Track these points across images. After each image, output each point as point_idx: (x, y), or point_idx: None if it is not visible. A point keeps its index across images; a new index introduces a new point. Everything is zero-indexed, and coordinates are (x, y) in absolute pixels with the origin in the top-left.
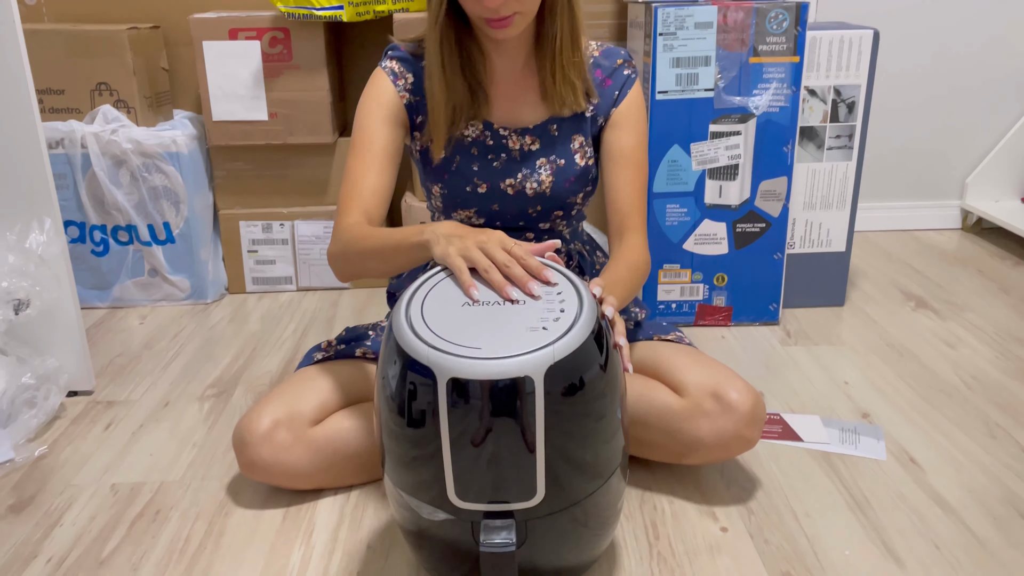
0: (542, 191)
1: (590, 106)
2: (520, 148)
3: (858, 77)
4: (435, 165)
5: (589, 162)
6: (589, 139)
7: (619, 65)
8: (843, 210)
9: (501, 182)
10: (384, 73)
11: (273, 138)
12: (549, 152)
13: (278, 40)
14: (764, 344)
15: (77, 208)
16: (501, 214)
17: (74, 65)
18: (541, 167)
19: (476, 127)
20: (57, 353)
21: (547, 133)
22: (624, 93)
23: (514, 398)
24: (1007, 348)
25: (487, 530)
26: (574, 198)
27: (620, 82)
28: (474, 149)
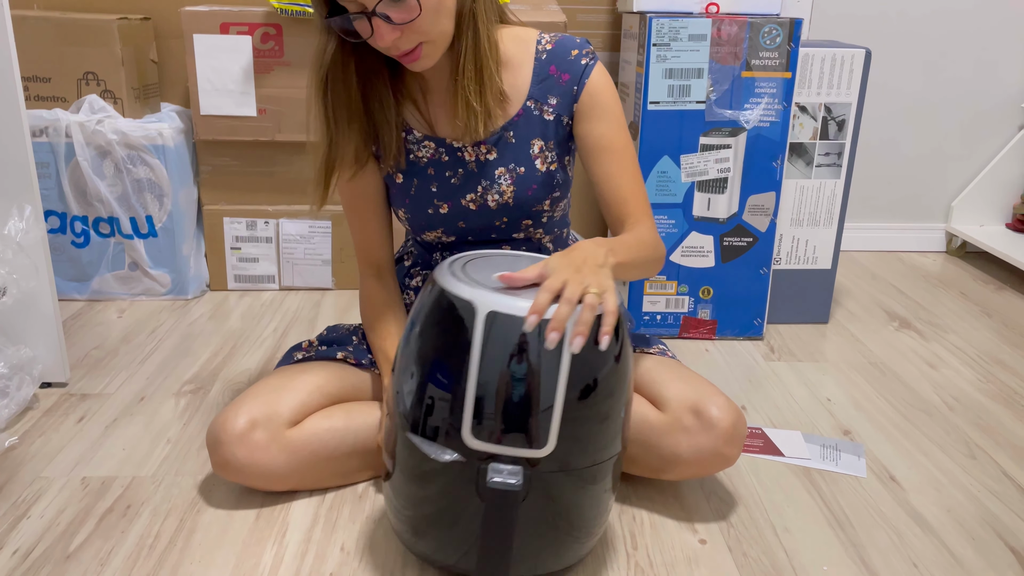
0: (504, 202)
1: (547, 106)
2: (476, 159)
3: (849, 95)
4: (396, 190)
5: (551, 167)
6: (551, 142)
7: (574, 56)
8: (830, 228)
9: (462, 199)
10: None
11: (261, 134)
12: (507, 160)
13: (270, 36)
14: (747, 359)
15: (59, 198)
16: (468, 230)
17: (62, 53)
18: (500, 177)
19: (428, 147)
20: (32, 343)
21: (503, 140)
22: (583, 83)
23: (544, 343)
24: (989, 370)
25: (495, 470)
26: (540, 205)
27: (578, 73)
28: (430, 169)
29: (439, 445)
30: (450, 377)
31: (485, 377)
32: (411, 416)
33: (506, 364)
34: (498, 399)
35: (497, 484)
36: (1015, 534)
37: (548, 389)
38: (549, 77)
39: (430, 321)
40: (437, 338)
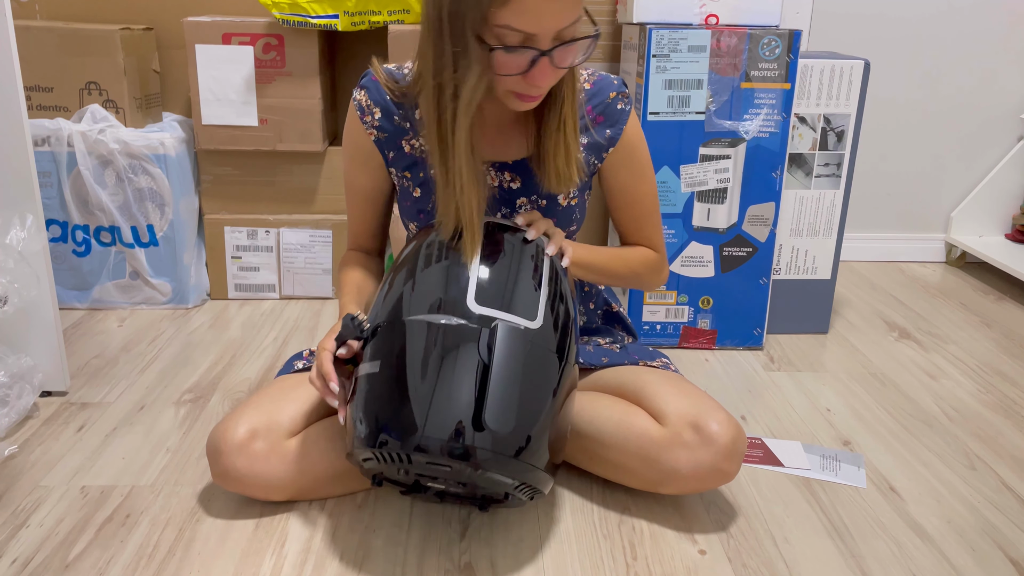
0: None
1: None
2: (500, 185)
3: (848, 106)
4: (411, 203)
5: (572, 202)
6: None
7: (611, 99)
8: (829, 238)
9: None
10: (354, 107)
11: (262, 144)
12: (531, 191)
13: (272, 46)
14: (747, 369)
15: (60, 207)
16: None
17: (64, 63)
18: (521, 207)
19: None
20: (33, 352)
21: (528, 171)
22: (619, 131)
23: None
24: (988, 381)
25: (503, 323)
26: None
27: (614, 119)
28: None
29: (447, 315)
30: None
31: (487, 256)
32: (420, 303)
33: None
34: (499, 273)
35: (506, 330)
36: (1015, 545)
37: (539, 270)
38: (584, 117)
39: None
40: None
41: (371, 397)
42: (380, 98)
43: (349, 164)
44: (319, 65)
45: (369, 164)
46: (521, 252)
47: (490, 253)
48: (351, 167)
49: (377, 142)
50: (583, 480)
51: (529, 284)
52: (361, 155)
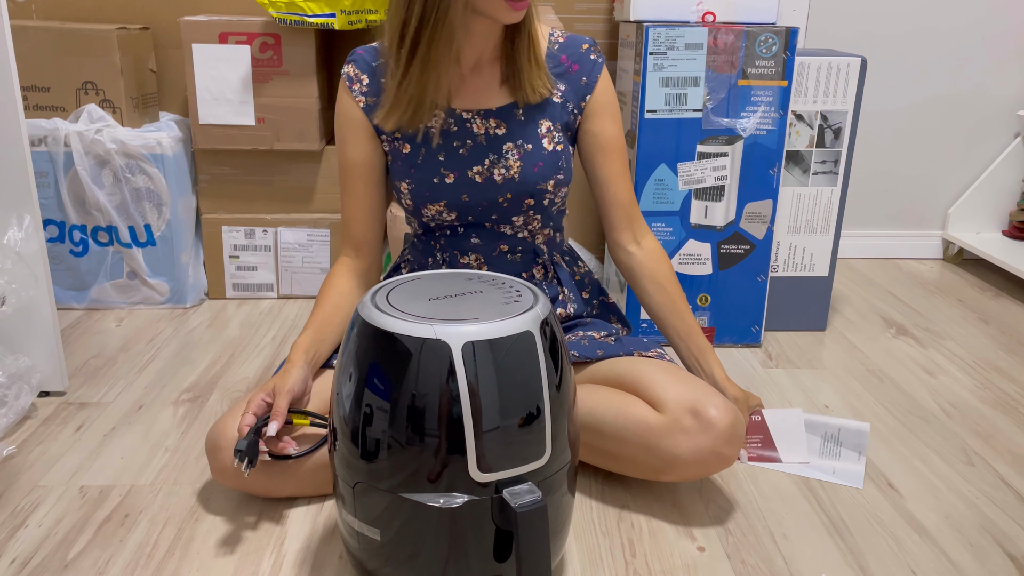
0: (510, 177)
1: (556, 90)
2: (485, 132)
3: (845, 104)
4: (401, 162)
5: (558, 147)
6: (558, 124)
7: (585, 50)
8: (827, 235)
9: (468, 170)
10: (343, 82)
11: (259, 143)
12: (516, 136)
13: (268, 46)
14: (745, 366)
15: (57, 207)
16: (471, 206)
17: (61, 63)
18: (508, 152)
19: (438, 116)
20: (31, 352)
21: (512, 117)
22: (594, 78)
23: (522, 354)
24: (986, 377)
25: (514, 494)
26: (544, 184)
27: (588, 67)
28: (439, 139)
29: (446, 494)
30: (439, 422)
31: (477, 407)
32: (397, 482)
33: (494, 388)
34: (495, 425)
35: (526, 506)
36: (1013, 541)
37: (538, 396)
38: (560, 65)
39: (392, 372)
40: (411, 384)
41: (378, 562)
42: (366, 66)
43: (342, 139)
44: (316, 64)
45: (360, 134)
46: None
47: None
48: (344, 142)
49: (366, 108)
50: (581, 476)
51: (532, 410)
52: (352, 125)
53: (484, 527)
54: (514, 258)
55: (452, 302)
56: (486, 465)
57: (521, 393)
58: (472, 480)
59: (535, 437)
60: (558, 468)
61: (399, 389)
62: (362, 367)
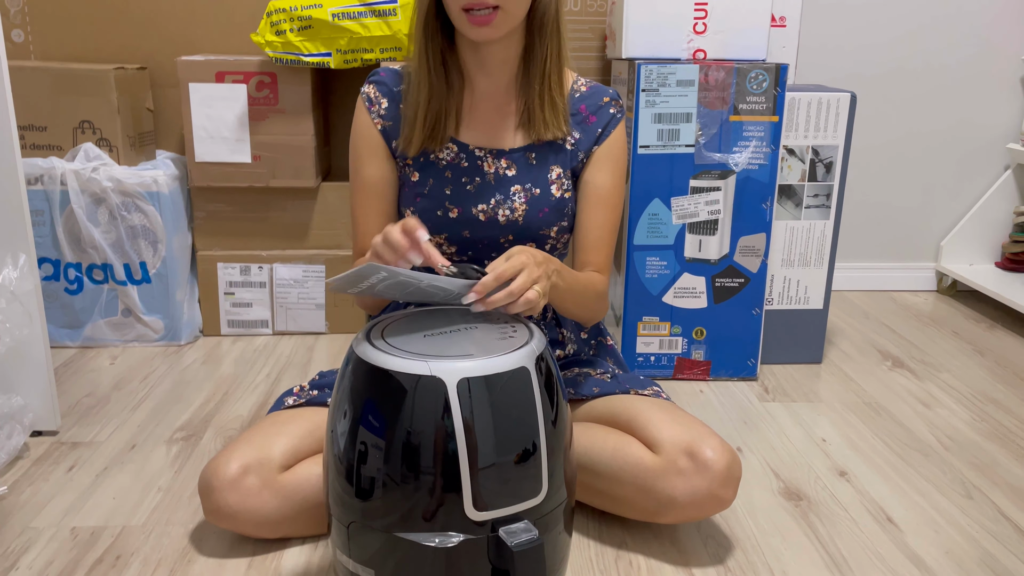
0: (515, 219)
1: (571, 137)
2: (495, 172)
3: (836, 138)
4: (408, 188)
5: (566, 195)
6: (568, 171)
7: (605, 103)
8: (821, 268)
9: (473, 207)
10: (362, 101)
11: (255, 181)
12: (525, 179)
13: (265, 84)
14: (742, 399)
15: (53, 245)
16: (472, 242)
17: (58, 103)
18: (515, 194)
19: (450, 149)
20: (23, 391)
21: (524, 160)
22: (608, 132)
23: (518, 390)
24: (983, 409)
25: (510, 533)
26: (547, 230)
27: (605, 120)
28: (448, 172)
29: (441, 533)
30: (434, 460)
31: (473, 446)
32: (390, 521)
33: (490, 424)
34: (491, 463)
35: (523, 545)
36: (1013, 575)
37: (534, 432)
38: (578, 114)
39: (387, 409)
40: (405, 421)
41: None
42: (387, 90)
43: (357, 156)
44: (312, 102)
45: (377, 153)
46: (505, 405)
47: (474, 423)
48: (359, 159)
49: (383, 131)
50: (579, 514)
51: (528, 446)
52: (369, 145)
53: (480, 567)
54: None
55: (447, 338)
56: (482, 503)
57: (517, 429)
58: (468, 519)
59: (531, 474)
60: (555, 506)
61: (394, 426)
62: (357, 404)
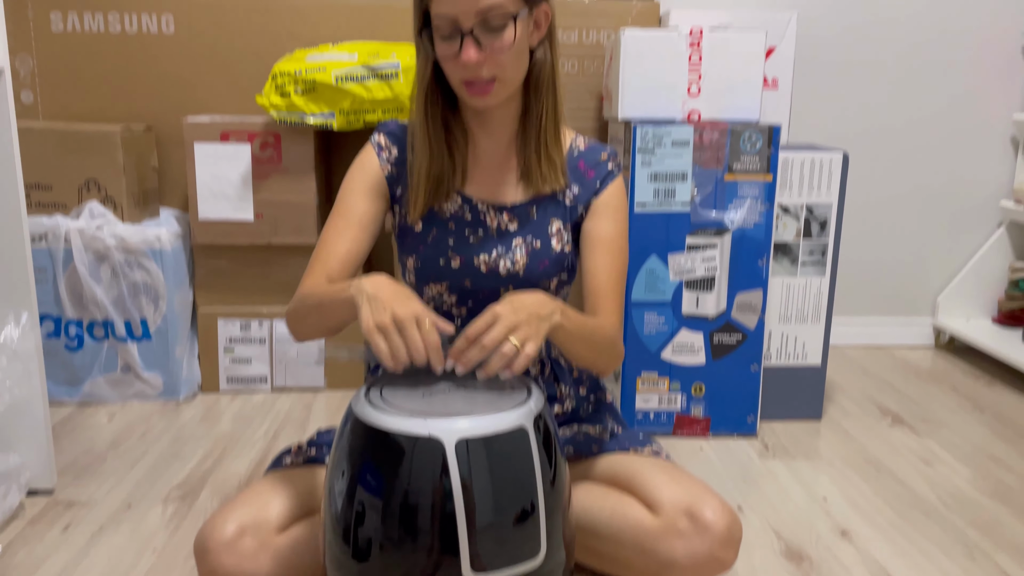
0: (515, 271)
1: (570, 192)
2: (497, 226)
3: (829, 196)
4: (411, 238)
5: (566, 248)
6: (567, 225)
7: (603, 160)
8: (818, 324)
9: (475, 257)
10: (371, 146)
11: (258, 238)
12: (526, 233)
13: (268, 144)
14: (742, 457)
15: (54, 302)
16: (473, 292)
17: (64, 162)
18: (517, 247)
19: (455, 201)
20: (21, 449)
21: (526, 214)
22: (605, 184)
23: (516, 450)
24: (983, 467)
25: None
26: (547, 282)
27: (602, 174)
28: (451, 223)
29: None
30: (431, 522)
31: (470, 505)
32: (389, 574)
33: (488, 485)
34: (488, 523)
35: None
36: None
37: (529, 493)
38: (577, 170)
39: (385, 469)
40: (401, 483)
41: None
42: (397, 140)
43: (352, 187)
44: (314, 161)
45: (374, 191)
46: (503, 466)
47: (472, 485)
48: (353, 190)
49: (389, 177)
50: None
51: (526, 506)
52: (369, 181)
53: None
54: None
55: (446, 396)
56: (480, 565)
57: (515, 490)
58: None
59: (530, 534)
60: (554, 567)
61: (392, 487)
62: (355, 464)
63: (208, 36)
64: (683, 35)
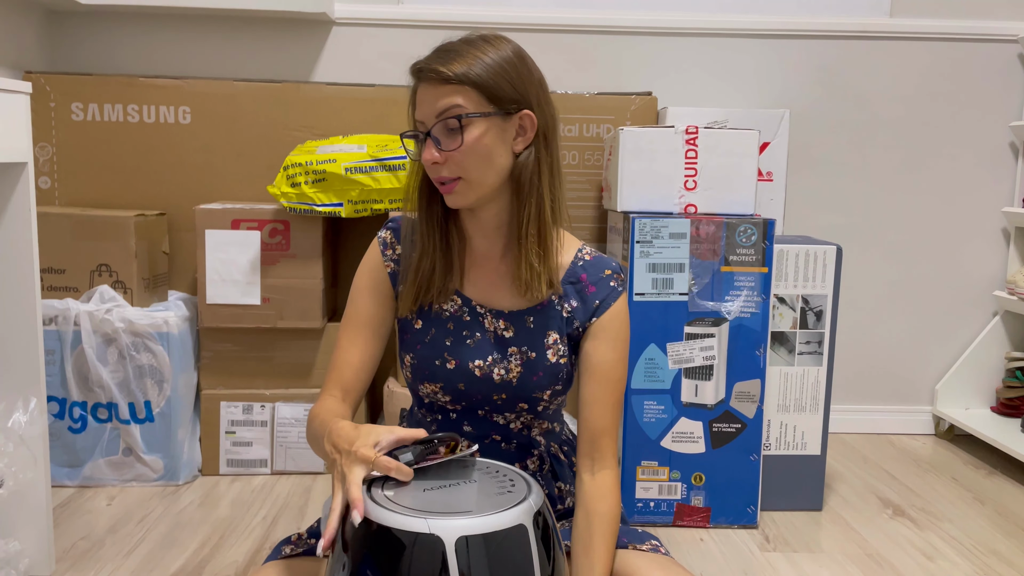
0: (509, 380)
1: (567, 304)
2: (494, 331)
3: (824, 288)
4: (411, 335)
5: (561, 360)
6: (564, 338)
7: (606, 275)
8: (816, 414)
9: (471, 362)
10: (377, 243)
11: (263, 322)
12: (522, 342)
13: (278, 231)
14: (743, 549)
15: (60, 384)
16: (466, 395)
17: (78, 247)
18: (512, 355)
19: (455, 302)
20: (21, 535)
21: (522, 323)
22: (607, 304)
23: (515, 547)
24: (985, 562)
25: None
26: (540, 393)
27: (604, 292)
28: (450, 324)
29: None
30: None
31: None
32: None
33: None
34: None
35: None
36: None
37: None
38: (579, 282)
39: (385, 565)
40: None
41: None
42: (400, 236)
43: (360, 290)
44: (322, 247)
45: (380, 290)
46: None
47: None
48: (362, 293)
49: (391, 274)
50: None
51: None
52: (374, 280)
53: None
54: (508, 447)
55: (447, 492)
56: None
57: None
58: None
59: None
60: None
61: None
62: (356, 560)
63: (223, 127)
64: (680, 132)
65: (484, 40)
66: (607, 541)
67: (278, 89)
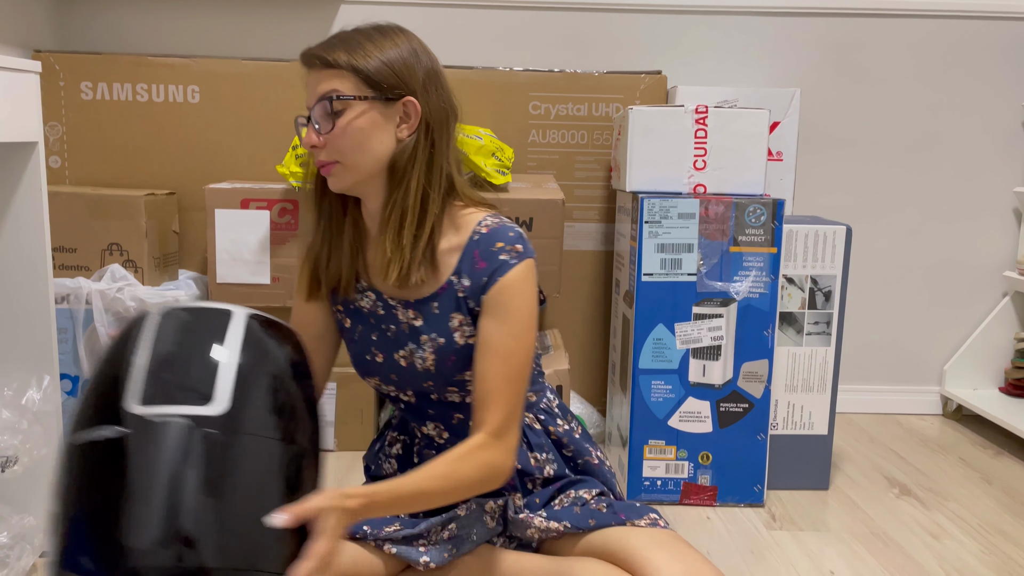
0: (427, 368)
1: (460, 282)
2: (407, 321)
3: (833, 268)
4: (344, 334)
5: (470, 340)
6: (467, 317)
7: (497, 248)
8: (824, 394)
9: (395, 352)
10: None
11: (273, 301)
12: (431, 329)
13: (287, 210)
14: (749, 527)
15: (73, 361)
16: (403, 385)
17: (89, 226)
18: (424, 343)
19: (369, 297)
20: (36, 511)
21: (428, 310)
22: (495, 278)
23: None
24: (991, 542)
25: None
26: (461, 375)
27: (493, 266)
28: (371, 319)
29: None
30: None
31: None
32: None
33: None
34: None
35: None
36: None
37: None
38: (472, 259)
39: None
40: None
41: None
42: None
43: (297, 297)
44: None
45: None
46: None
47: (168, 338)
48: (298, 300)
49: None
50: None
51: (206, 361)
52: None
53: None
54: None
55: None
56: (148, 396)
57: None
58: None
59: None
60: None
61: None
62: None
63: (232, 106)
64: (689, 112)
65: (376, 29)
66: (442, 464)
67: (287, 68)
